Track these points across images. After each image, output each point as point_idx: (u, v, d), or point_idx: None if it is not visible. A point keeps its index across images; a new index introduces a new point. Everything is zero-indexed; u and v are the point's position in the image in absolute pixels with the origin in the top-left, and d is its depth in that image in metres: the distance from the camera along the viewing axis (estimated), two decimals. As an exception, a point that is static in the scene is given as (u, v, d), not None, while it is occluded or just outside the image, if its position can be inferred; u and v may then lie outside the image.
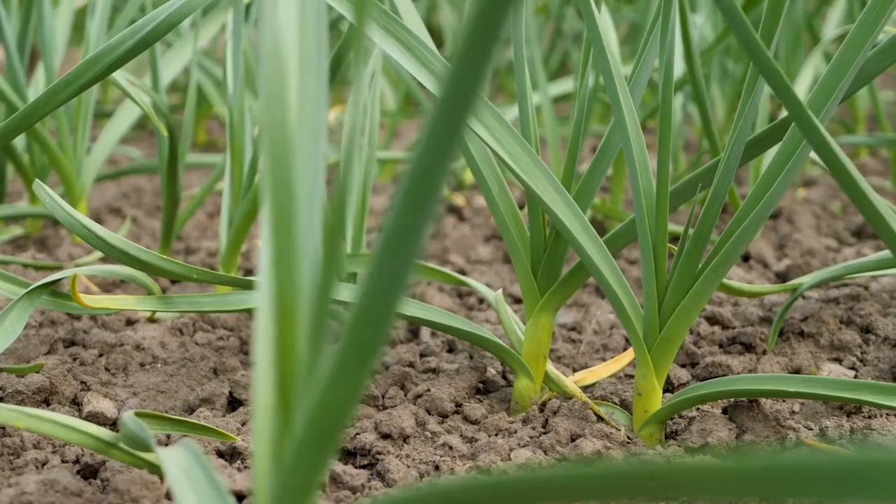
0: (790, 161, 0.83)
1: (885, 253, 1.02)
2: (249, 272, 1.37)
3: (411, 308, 0.93)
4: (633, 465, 0.43)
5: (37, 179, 0.93)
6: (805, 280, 1.04)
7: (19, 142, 1.51)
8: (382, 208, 1.71)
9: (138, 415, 0.80)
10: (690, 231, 0.85)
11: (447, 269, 1.10)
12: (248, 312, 1.12)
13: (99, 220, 1.62)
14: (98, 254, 1.36)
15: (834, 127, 2.30)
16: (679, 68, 1.62)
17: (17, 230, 1.49)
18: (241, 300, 0.97)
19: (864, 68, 0.90)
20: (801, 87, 1.52)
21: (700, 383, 0.87)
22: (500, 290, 1.01)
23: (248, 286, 0.96)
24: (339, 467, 0.78)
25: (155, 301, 0.92)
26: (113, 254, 0.89)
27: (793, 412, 0.93)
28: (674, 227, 1.22)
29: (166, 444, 0.84)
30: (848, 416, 0.91)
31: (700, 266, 0.86)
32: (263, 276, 0.49)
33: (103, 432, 0.74)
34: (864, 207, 0.75)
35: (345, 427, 0.45)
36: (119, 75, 1.14)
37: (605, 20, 1.52)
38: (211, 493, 0.58)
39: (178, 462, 0.61)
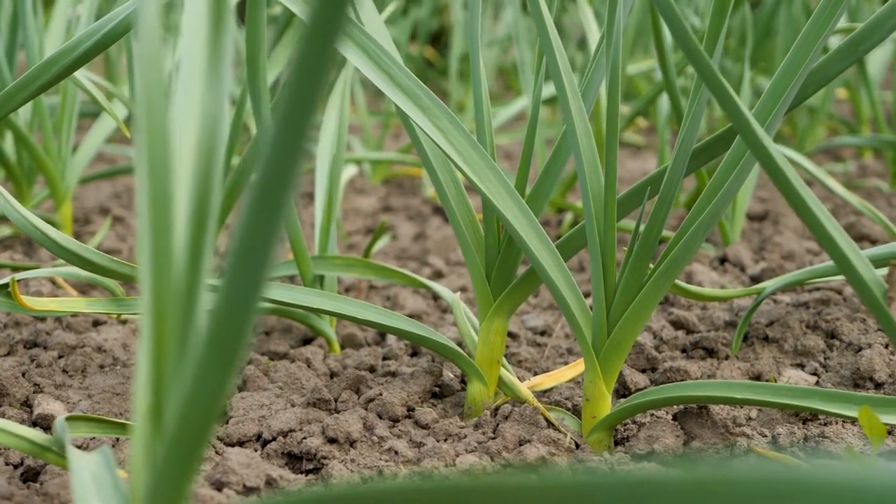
0: (738, 166, 0.82)
1: (869, 251, 1.00)
2: (228, 273, 1.37)
3: (363, 311, 0.92)
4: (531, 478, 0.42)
5: (-8, 181, 0.94)
6: (768, 284, 1.02)
7: (9, 144, 1.52)
8: (371, 210, 1.71)
9: (82, 419, 0.80)
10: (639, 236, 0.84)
11: (409, 272, 1.09)
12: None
13: (87, 221, 1.63)
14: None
15: (838, 127, 2.28)
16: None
17: (6, 230, 1.50)
18: (198, 303, 0.97)
19: (823, 69, 0.89)
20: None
21: (648, 389, 0.86)
22: (457, 293, 1.01)
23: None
24: (276, 472, 0.78)
25: (106, 303, 0.92)
26: (63, 255, 0.89)
27: (749, 418, 0.92)
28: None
29: (113, 448, 0.84)
30: (803, 423, 0.89)
31: (650, 270, 0.85)
32: (144, 281, 0.48)
33: (39, 436, 0.74)
34: (804, 214, 0.73)
35: (211, 430, 0.45)
36: (81, 74, 1.14)
37: (588, 19, 1.51)
38: (115, 498, 0.57)
39: (90, 467, 0.61)
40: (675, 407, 0.90)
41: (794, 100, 0.89)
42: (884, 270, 0.93)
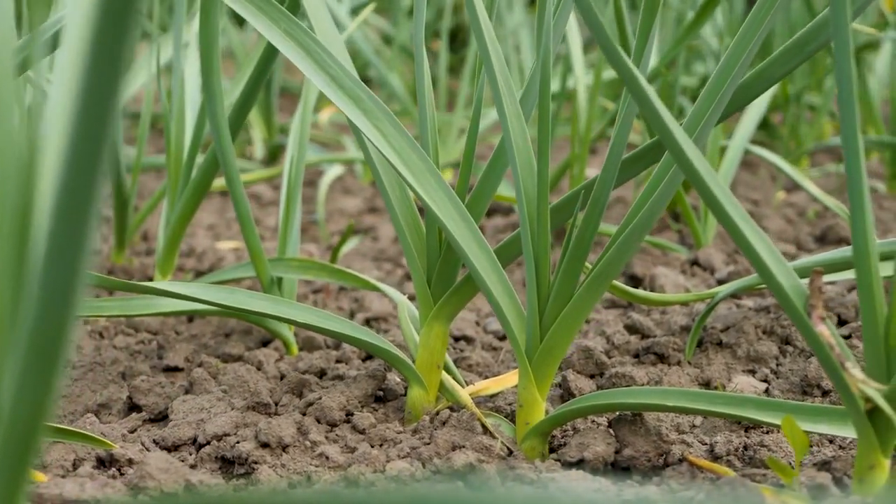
0: (671, 170, 0.80)
1: (808, 259, 0.99)
2: (201, 273, 1.38)
3: (304, 314, 0.92)
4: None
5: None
6: (722, 289, 1.01)
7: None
8: (356, 210, 1.70)
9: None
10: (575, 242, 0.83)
11: (363, 274, 1.09)
12: (167, 316, 1.12)
13: (74, 221, 1.64)
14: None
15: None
16: (653, 62, 1.60)
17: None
18: (145, 304, 0.97)
19: (768, 70, 0.87)
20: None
21: (582, 396, 0.85)
22: (405, 297, 1.00)
23: (145, 290, 0.95)
24: (196, 477, 0.78)
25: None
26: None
27: (693, 426, 0.90)
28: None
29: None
30: (745, 431, 0.88)
31: (587, 271, 0.84)
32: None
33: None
34: (722, 218, 0.72)
35: (41, 428, 0.45)
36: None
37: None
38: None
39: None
40: (615, 413, 0.89)
41: (738, 102, 0.88)
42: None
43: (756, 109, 1.47)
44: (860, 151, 0.70)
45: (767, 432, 0.87)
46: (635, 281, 1.28)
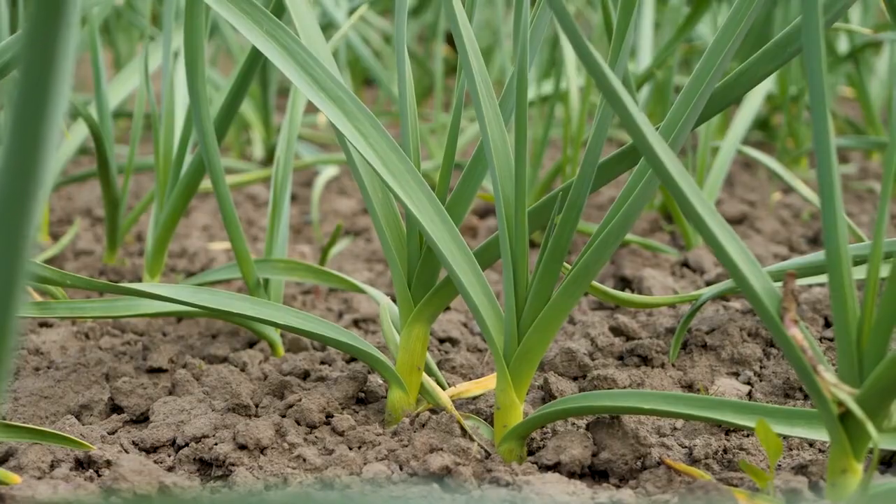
0: (647, 174, 0.80)
1: (791, 262, 0.98)
2: (192, 274, 1.38)
3: (286, 316, 0.92)
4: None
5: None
6: (706, 292, 1.00)
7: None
8: (350, 211, 1.70)
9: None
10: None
11: (347, 276, 1.09)
12: (153, 317, 1.12)
13: (69, 221, 1.64)
14: (43, 257, 1.37)
15: (843, 127, 2.24)
16: (646, 61, 1.59)
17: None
18: (127, 306, 0.97)
19: (751, 71, 0.87)
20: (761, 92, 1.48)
21: (560, 399, 0.84)
22: (388, 298, 1.00)
23: (124, 292, 0.95)
24: (169, 479, 0.78)
25: (30, 308, 0.93)
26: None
27: (674, 428, 0.90)
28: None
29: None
30: (726, 434, 0.88)
31: (566, 273, 0.83)
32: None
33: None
34: (695, 221, 0.72)
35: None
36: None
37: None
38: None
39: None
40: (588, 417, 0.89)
41: (719, 103, 0.88)
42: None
43: (749, 109, 1.46)
44: (832, 157, 0.70)
45: (747, 435, 0.87)
46: (625, 283, 1.27)
